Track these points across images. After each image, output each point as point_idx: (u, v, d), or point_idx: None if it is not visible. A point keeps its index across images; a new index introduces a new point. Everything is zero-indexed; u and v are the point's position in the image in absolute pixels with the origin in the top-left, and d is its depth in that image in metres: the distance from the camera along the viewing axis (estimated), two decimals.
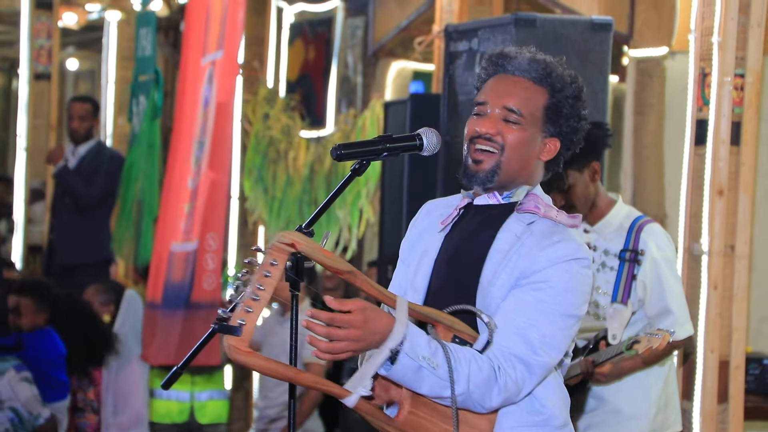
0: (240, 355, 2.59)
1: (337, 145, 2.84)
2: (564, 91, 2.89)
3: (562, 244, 2.80)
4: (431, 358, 2.65)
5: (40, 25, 9.63)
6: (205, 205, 6.28)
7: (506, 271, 2.81)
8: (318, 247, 2.67)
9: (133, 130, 8.03)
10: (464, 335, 2.79)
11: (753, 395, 5.53)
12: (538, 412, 2.82)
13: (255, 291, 2.61)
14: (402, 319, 2.66)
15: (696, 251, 4.99)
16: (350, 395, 2.66)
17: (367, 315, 2.62)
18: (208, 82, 6.55)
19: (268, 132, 8.38)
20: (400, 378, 2.67)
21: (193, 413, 6.80)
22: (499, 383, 2.71)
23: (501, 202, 2.90)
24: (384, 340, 2.64)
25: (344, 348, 2.62)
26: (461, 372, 2.67)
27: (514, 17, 4.86)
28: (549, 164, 2.96)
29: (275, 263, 2.63)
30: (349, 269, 2.70)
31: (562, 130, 2.91)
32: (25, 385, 5.65)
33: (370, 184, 7.71)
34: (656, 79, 6.48)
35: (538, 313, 2.76)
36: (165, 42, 10.99)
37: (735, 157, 4.94)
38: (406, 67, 8.64)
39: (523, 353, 2.73)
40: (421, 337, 2.67)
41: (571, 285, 2.78)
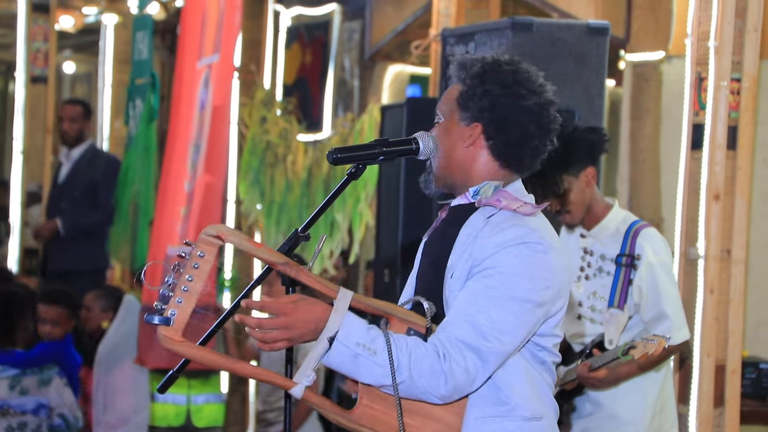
0: (173, 345, 2.64)
1: (334, 149, 2.85)
2: (468, 74, 2.90)
3: (510, 230, 2.77)
4: (368, 345, 2.64)
5: (37, 28, 9.63)
6: (200, 208, 6.28)
7: (461, 263, 2.80)
8: (246, 238, 2.70)
9: (130, 134, 8.03)
10: (419, 327, 2.77)
11: (749, 399, 5.53)
12: (503, 402, 2.79)
13: (185, 282, 2.66)
14: (339, 308, 2.67)
15: (692, 255, 4.99)
16: (295, 386, 2.67)
17: (298, 304, 2.66)
18: (204, 85, 6.55)
19: (265, 136, 8.38)
20: (338, 366, 2.67)
21: (190, 416, 6.81)
22: (445, 371, 2.67)
23: (470, 200, 2.91)
24: (320, 329, 2.65)
25: (276, 336, 2.65)
26: (402, 359, 2.65)
27: (511, 21, 4.86)
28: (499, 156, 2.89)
29: (202, 255, 2.68)
30: (283, 260, 2.71)
31: (473, 112, 2.88)
32: (68, 390, 5.73)
33: (369, 188, 7.70)
34: (653, 83, 6.48)
35: (487, 299, 2.72)
36: (162, 45, 10.99)
37: (731, 161, 4.94)
38: (402, 71, 8.65)
39: (472, 339, 2.69)
40: (359, 325, 2.67)
41: (522, 269, 2.74)
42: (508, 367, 2.79)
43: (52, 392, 5.66)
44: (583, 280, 4.41)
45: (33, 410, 5.66)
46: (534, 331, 2.82)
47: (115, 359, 6.76)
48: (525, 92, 2.88)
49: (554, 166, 4.16)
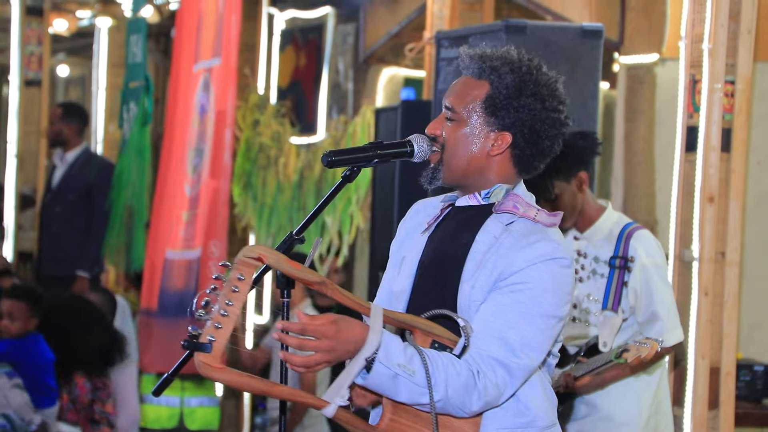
0: (212, 372, 2.57)
1: (328, 151, 2.83)
2: (500, 81, 2.84)
3: (540, 244, 2.76)
4: (407, 365, 2.62)
5: (31, 32, 9.62)
6: (207, 213, 6.28)
7: (484, 273, 2.78)
8: (285, 258, 2.64)
9: (124, 137, 8.02)
10: (443, 340, 2.76)
11: (744, 402, 5.54)
12: (523, 414, 2.79)
13: (224, 307, 2.59)
14: (376, 327, 2.64)
15: (687, 258, 4.99)
16: (328, 406, 2.64)
17: (339, 325, 2.60)
18: (203, 89, 6.54)
19: (258, 138, 8.38)
20: (377, 387, 2.64)
21: (183, 419, 6.80)
22: (479, 387, 2.67)
23: (481, 202, 2.88)
24: (358, 349, 2.61)
25: (318, 360, 2.60)
26: (439, 378, 2.64)
27: (505, 24, 4.86)
28: (518, 162, 2.87)
29: (242, 278, 2.61)
30: (320, 280, 2.67)
31: (506, 122, 2.83)
32: (17, 391, 5.64)
33: (360, 191, 7.71)
34: (647, 85, 6.48)
35: (517, 315, 2.72)
36: (156, 49, 10.98)
37: (725, 163, 4.94)
38: (397, 74, 8.65)
39: (503, 356, 2.70)
40: (397, 345, 2.64)
41: (550, 285, 2.74)
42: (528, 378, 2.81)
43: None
44: (577, 282, 4.41)
45: None
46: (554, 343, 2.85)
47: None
48: (557, 104, 2.87)
49: (545, 172, 4.15)
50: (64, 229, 8.23)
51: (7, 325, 5.92)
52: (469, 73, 2.91)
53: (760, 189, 6.13)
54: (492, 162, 2.87)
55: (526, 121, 2.83)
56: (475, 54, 2.90)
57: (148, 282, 6.59)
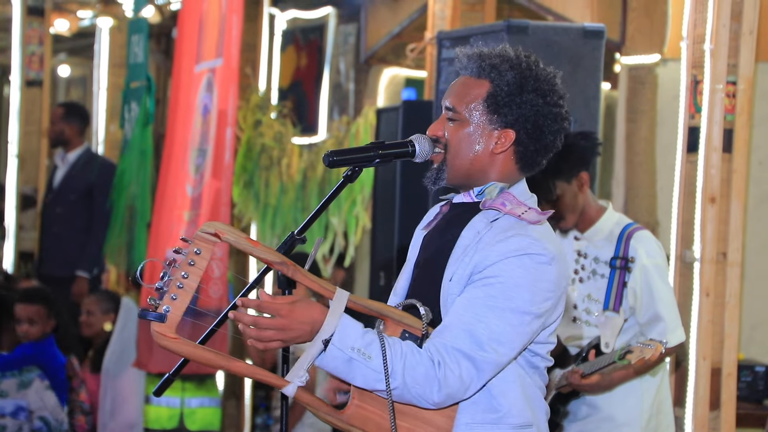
0: (166, 341, 2.62)
1: (330, 151, 2.83)
2: (501, 79, 2.83)
3: (514, 239, 2.74)
4: (363, 350, 2.63)
5: (32, 32, 9.62)
6: (210, 213, 6.28)
7: (461, 267, 2.78)
8: (244, 236, 2.69)
9: (125, 137, 8.02)
10: (414, 330, 2.75)
11: (745, 402, 5.54)
12: (494, 409, 2.77)
13: (179, 279, 2.65)
14: (336, 310, 2.65)
15: (688, 258, 4.99)
16: (288, 385, 2.67)
17: (295, 305, 2.64)
18: (206, 89, 6.53)
19: (260, 139, 8.37)
20: (332, 369, 2.66)
21: (183, 420, 6.79)
22: (439, 378, 2.66)
23: (474, 200, 2.88)
24: (315, 331, 2.64)
25: (271, 336, 2.63)
26: (396, 365, 2.64)
27: (506, 24, 4.86)
28: (521, 159, 2.87)
29: (199, 252, 2.67)
30: (280, 260, 2.69)
31: (508, 119, 2.83)
32: (50, 393, 5.70)
33: (365, 191, 7.70)
34: (648, 86, 6.48)
35: (487, 309, 2.70)
36: (157, 49, 10.97)
37: (727, 164, 4.94)
38: (398, 74, 8.65)
39: (468, 348, 2.68)
40: (354, 329, 2.65)
41: (523, 281, 2.72)
42: (502, 374, 2.78)
43: (32, 395, 5.64)
44: (577, 282, 4.41)
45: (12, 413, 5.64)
46: (531, 341, 2.81)
47: (123, 365, 6.76)
48: (557, 99, 2.87)
49: (547, 173, 4.16)
50: (65, 230, 8.23)
51: (27, 329, 5.97)
52: (467, 72, 2.90)
53: (761, 189, 6.13)
54: (495, 160, 2.86)
55: (529, 117, 2.83)
56: (474, 53, 2.89)
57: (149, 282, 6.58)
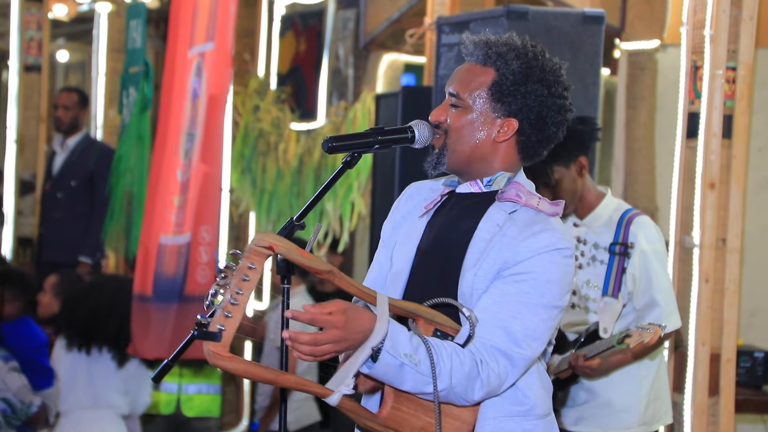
0: (221, 361, 2.58)
1: (329, 137, 2.82)
2: (507, 67, 2.83)
3: (544, 234, 2.76)
4: (413, 355, 2.63)
5: (30, 17, 9.59)
6: (198, 198, 6.25)
7: (488, 261, 2.78)
8: (295, 247, 2.63)
9: (123, 122, 8.01)
10: (445, 328, 2.76)
11: (744, 388, 5.54)
12: (521, 402, 2.80)
13: (234, 296, 2.59)
14: (383, 316, 2.63)
15: (687, 244, 4.99)
16: (333, 394, 2.64)
17: (348, 315, 2.59)
18: (196, 74, 6.51)
19: (258, 124, 8.37)
20: (382, 376, 2.65)
21: (180, 405, 6.79)
22: (482, 377, 2.68)
23: (483, 190, 2.88)
24: (366, 338, 2.61)
25: (327, 350, 2.60)
26: (443, 367, 2.65)
27: (506, 9, 4.85)
28: (523, 148, 2.88)
29: (253, 266, 2.61)
30: (328, 269, 2.67)
31: (512, 108, 2.83)
32: (14, 374, 5.65)
33: (362, 177, 7.69)
34: (648, 72, 6.47)
35: (521, 305, 2.72)
36: (155, 34, 10.97)
37: (726, 150, 4.94)
38: (397, 60, 8.63)
39: (506, 346, 2.71)
40: (403, 334, 2.64)
41: (554, 276, 2.75)
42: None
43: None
44: (576, 269, 4.41)
45: None
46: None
47: None
48: (562, 90, 2.87)
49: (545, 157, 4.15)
50: (66, 216, 8.23)
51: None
52: (473, 59, 2.89)
53: (761, 175, 6.13)
54: (497, 149, 2.87)
55: (533, 107, 2.84)
56: (480, 40, 2.88)
57: (142, 267, 6.56)
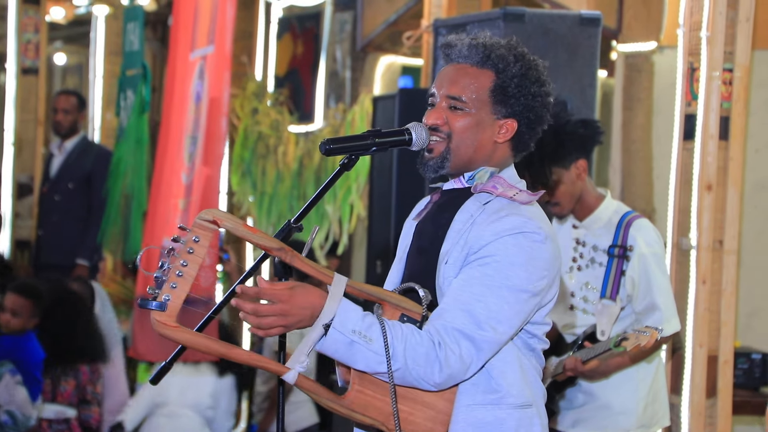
0: (167, 330, 2.63)
1: (326, 139, 2.83)
2: (508, 70, 2.87)
3: (508, 218, 2.77)
4: (364, 333, 2.64)
5: (28, 20, 9.59)
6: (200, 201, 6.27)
7: (456, 249, 2.80)
8: (241, 223, 2.68)
9: (121, 125, 8.02)
10: (412, 313, 2.77)
11: (741, 390, 5.54)
12: (494, 390, 2.79)
13: (179, 268, 2.64)
14: (335, 294, 2.66)
15: (684, 246, 4.99)
16: (289, 371, 2.67)
17: (294, 291, 2.64)
18: (198, 77, 6.53)
19: (256, 127, 8.37)
20: (333, 353, 2.66)
21: None
22: (440, 358, 2.68)
23: (464, 185, 2.91)
24: (315, 315, 2.64)
25: (272, 323, 2.63)
26: (398, 347, 2.65)
27: (503, 12, 4.85)
28: (516, 145, 2.93)
29: (197, 239, 2.66)
30: (279, 246, 2.69)
31: (514, 109, 2.88)
32: (20, 388, 5.69)
33: (361, 179, 7.70)
34: (645, 73, 6.48)
35: (483, 288, 2.72)
36: (153, 37, 10.96)
37: (723, 151, 4.94)
38: (394, 62, 8.63)
39: (468, 328, 2.70)
40: (354, 312, 2.66)
41: (518, 259, 2.74)
42: (501, 354, 2.80)
43: (1, 389, 5.63)
44: (575, 270, 4.41)
45: None
46: (528, 320, 2.83)
47: None
48: (550, 89, 2.93)
49: (544, 158, 4.16)
50: (63, 218, 8.22)
51: (8, 320, 5.93)
52: (468, 61, 2.91)
53: (757, 177, 6.13)
54: (496, 149, 2.90)
55: (533, 107, 2.89)
56: (477, 43, 2.91)
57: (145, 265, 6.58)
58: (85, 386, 6.13)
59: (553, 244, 2.81)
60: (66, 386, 6.05)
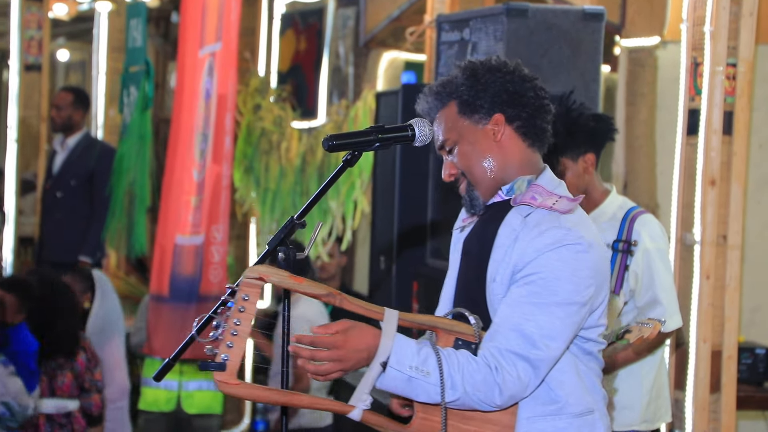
0: (230, 389, 2.71)
1: (329, 135, 2.84)
2: (458, 85, 2.92)
3: (549, 233, 2.77)
4: (421, 367, 2.68)
5: (31, 16, 9.59)
6: (210, 197, 6.28)
7: (503, 267, 2.82)
8: (287, 274, 2.73)
9: (124, 121, 8.01)
10: (466, 336, 2.80)
11: (745, 385, 5.54)
12: (553, 401, 2.82)
13: (233, 327, 2.71)
14: (389, 332, 2.70)
15: (688, 241, 4.99)
16: (353, 410, 2.73)
17: (348, 334, 2.69)
18: (208, 73, 6.53)
19: (259, 123, 8.37)
20: (393, 389, 2.71)
21: (180, 402, 6.80)
22: (498, 382, 2.71)
23: (504, 198, 2.92)
24: (372, 356, 2.69)
25: (330, 369, 2.69)
26: (455, 376, 2.69)
27: (506, 7, 4.85)
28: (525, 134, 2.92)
29: (247, 298, 2.74)
30: (326, 292, 2.74)
31: (486, 106, 2.90)
32: (13, 379, 5.69)
33: (365, 175, 7.69)
34: (648, 68, 6.47)
35: (533, 306, 2.74)
36: (155, 33, 10.96)
37: (727, 146, 4.94)
38: (397, 58, 8.63)
39: (522, 349, 2.73)
40: (409, 348, 2.70)
41: (564, 273, 2.75)
42: (557, 365, 2.83)
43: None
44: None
45: None
46: (580, 328, 2.85)
47: (106, 337, 6.81)
48: (511, 67, 2.93)
49: (553, 149, 4.15)
50: (66, 215, 8.23)
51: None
52: (434, 111, 2.96)
53: (761, 172, 6.13)
54: (505, 149, 2.91)
55: (498, 91, 2.90)
56: (428, 92, 2.97)
57: (158, 268, 6.58)
58: (83, 375, 6.14)
59: (596, 250, 2.82)
60: (63, 379, 6.06)
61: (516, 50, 4.79)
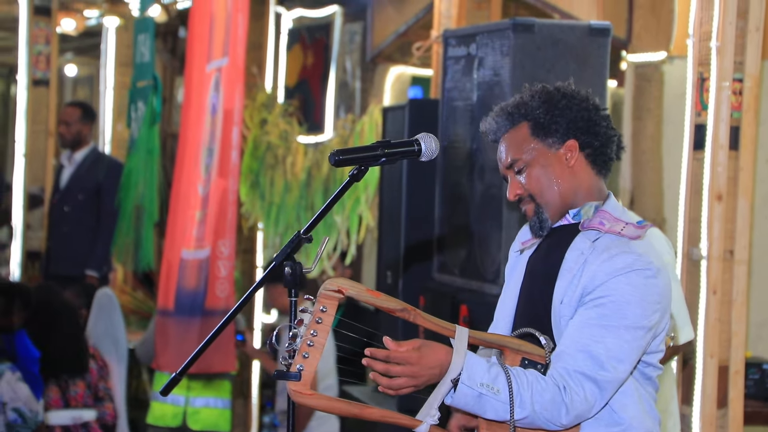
0: (304, 398, 2.75)
1: (335, 150, 2.85)
2: (532, 108, 2.96)
3: (620, 257, 2.83)
4: (491, 385, 2.74)
5: (39, 31, 9.62)
6: (216, 212, 6.29)
7: (571, 289, 2.86)
8: (365, 288, 2.79)
9: (132, 136, 8.04)
10: (533, 356, 2.85)
11: (752, 400, 5.52)
12: (616, 423, 2.86)
13: (309, 338, 2.76)
14: (460, 349, 2.77)
15: (695, 256, 4.98)
16: (421, 424, 2.79)
17: (422, 351, 2.75)
18: (215, 88, 6.55)
19: (265, 137, 8.38)
20: (463, 406, 2.77)
21: (186, 419, 6.78)
22: (566, 402, 2.76)
23: (571, 222, 2.96)
24: (444, 372, 2.75)
25: (402, 384, 2.76)
26: (524, 395, 2.74)
27: (512, 22, 4.85)
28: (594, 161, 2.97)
29: (325, 310, 2.78)
30: (402, 307, 2.80)
31: (561, 131, 2.94)
32: (22, 385, 5.69)
33: (370, 190, 7.70)
34: (654, 83, 6.47)
35: (601, 329, 2.79)
36: (163, 48, 10.98)
37: (734, 161, 4.93)
38: (404, 73, 8.64)
39: (590, 370, 2.77)
40: (480, 365, 2.75)
41: (633, 297, 2.80)
42: (622, 387, 2.87)
43: (3, 387, 5.63)
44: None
45: None
46: (644, 353, 2.90)
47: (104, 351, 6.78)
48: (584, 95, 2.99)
49: None
50: (73, 229, 8.25)
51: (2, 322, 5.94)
52: (503, 130, 3.00)
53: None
54: (576, 175, 2.96)
55: (574, 118, 2.95)
56: (498, 111, 3.00)
57: (165, 282, 6.59)
58: (97, 384, 6.13)
59: (663, 276, 2.86)
60: (76, 389, 6.06)
61: (522, 65, 4.80)
